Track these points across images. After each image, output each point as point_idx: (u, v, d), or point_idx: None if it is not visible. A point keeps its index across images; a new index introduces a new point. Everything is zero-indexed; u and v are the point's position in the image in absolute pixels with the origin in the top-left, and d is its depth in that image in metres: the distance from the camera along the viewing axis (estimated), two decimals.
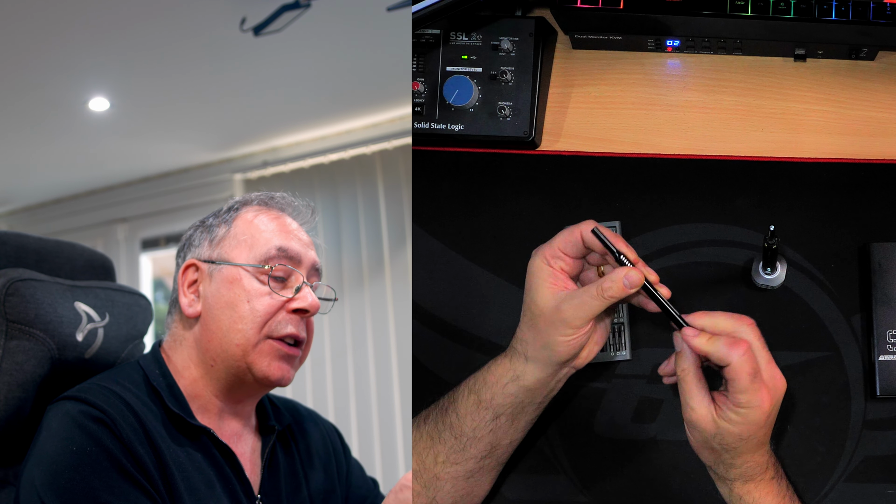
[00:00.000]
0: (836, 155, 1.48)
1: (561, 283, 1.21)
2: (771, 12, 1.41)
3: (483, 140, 1.50)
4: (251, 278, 1.25)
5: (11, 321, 1.24)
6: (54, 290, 1.29)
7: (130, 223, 4.56)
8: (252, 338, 1.24)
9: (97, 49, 2.97)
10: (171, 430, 1.20)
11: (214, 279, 1.26)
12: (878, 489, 1.38)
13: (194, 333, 1.27)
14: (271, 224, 1.31)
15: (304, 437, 1.40)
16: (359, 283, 3.77)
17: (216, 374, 1.25)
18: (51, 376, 1.26)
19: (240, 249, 1.27)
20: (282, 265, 1.27)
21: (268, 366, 1.24)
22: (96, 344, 1.32)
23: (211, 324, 1.25)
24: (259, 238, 1.28)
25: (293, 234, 1.31)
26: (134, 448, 1.14)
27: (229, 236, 1.29)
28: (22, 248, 1.35)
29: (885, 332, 1.40)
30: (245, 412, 1.31)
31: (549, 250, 1.22)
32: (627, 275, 1.18)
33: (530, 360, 1.23)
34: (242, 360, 1.24)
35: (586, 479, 1.41)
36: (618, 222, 1.45)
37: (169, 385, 1.24)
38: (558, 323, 1.20)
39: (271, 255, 1.27)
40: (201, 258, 1.29)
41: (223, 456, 1.23)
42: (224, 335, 1.24)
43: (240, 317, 1.24)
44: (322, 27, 2.82)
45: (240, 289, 1.25)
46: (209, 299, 1.26)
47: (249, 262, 1.26)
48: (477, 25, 1.50)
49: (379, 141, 3.79)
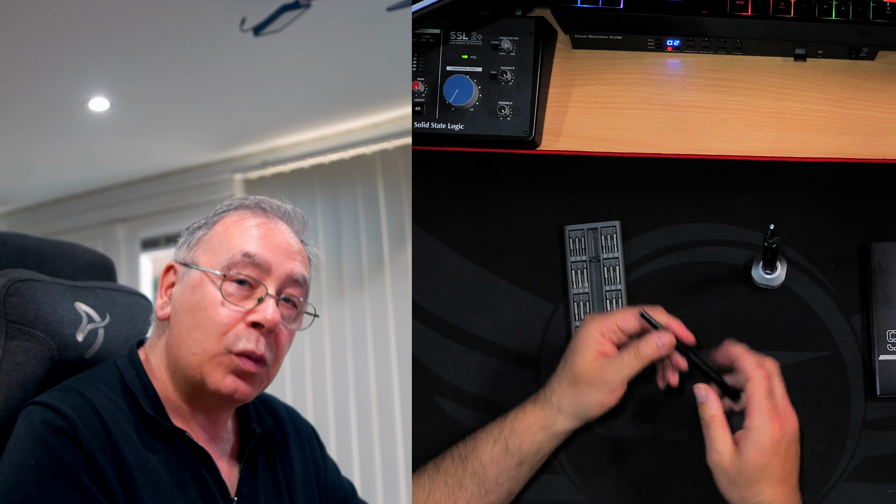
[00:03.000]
0: (836, 155, 1.48)
1: (607, 350, 1.32)
2: (771, 12, 1.41)
3: (483, 140, 1.50)
4: (212, 284, 1.19)
5: (11, 321, 1.24)
6: (55, 290, 1.29)
7: (130, 223, 4.56)
8: (209, 348, 1.18)
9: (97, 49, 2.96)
10: (144, 434, 1.18)
11: (183, 283, 1.22)
12: (878, 489, 1.38)
13: (165, 336, 1.23)
14: (251, 230, 1.23)
15: (285, 440, 1.36)
16: (359, 283, 3.76)
17: (178, 380, 1.21)
18: (51, 377, 1.26)
19: (209, 254, 1.21)
20: (243, 273, 1.19)
21: (221, 379, 1.18)
22: (97, 344, 1.32)
23: (174, 328, 1.21)
24: (229, 243, 1.21)
25: (270, 240, 1.22)
26: (94, 457, 1.11)
27: (204, 240, 1.23)
28: (22, 249, 1.35)
29: (885, 331, 1.40)
30: (220, 418, 1.27)
31: (606, 323, 1.32)
32: (660, 337, 1.31)
33: (563, 413, 1.32)
34: (198, 370, 1.19)
35: (586, 478, 1.41)
36: (618, 222, 1.46)
37: (144, 386, 1.21)
38: (599, 384, 1.31)
39: (235, 260, 1.19)
40: (178, 260, 1.24)
41: (198, 458, 1.21)
42: (183, 342, 1.19)
43: (197, 324, 1.18)
44: (322, 27, 2.82)
45: (200, 295, 1.19)
46: (176, 303, 1.21)
47: (214, 267, 1.20)
48: (477, 25, 1.50)
49: (379, 141, 3.78)
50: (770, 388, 1.27)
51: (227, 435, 1.28)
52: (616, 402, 1.32)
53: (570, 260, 1.46)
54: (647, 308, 1.32)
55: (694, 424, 1.40)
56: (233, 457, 1.28)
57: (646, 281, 1.46)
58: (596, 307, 1.44)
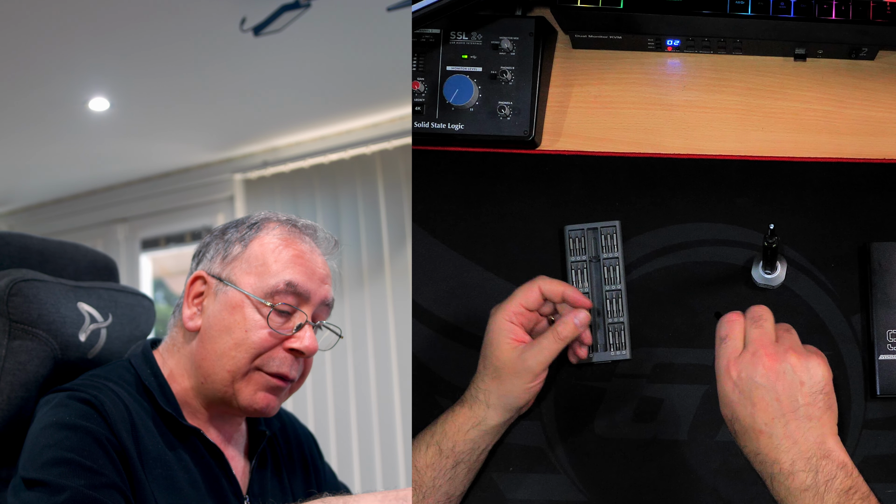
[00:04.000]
0: (836, 155, 1.48)
1: (520, 336, 1.31)
2: (771, 12, 1.41)
3: (483, 140, 1.50)
4: (253, 308, 1.23)
5: (15, 321, 1.24)
6: (57, 290, 1.30)
7: (130, 223, 4.56)
8: (243, 367, 1.22)
9: (97, 49, 2.97)
10: (162, 429, 1.21)
11: (219, 299, 1.24)
12: (878, 489, 1.38)
13: (191, 346, 1.25)
14: (287, 253, 1.26)
15: (288, 444, 1.40)
16: (359, 283, 3.77)
17: (205, 391, 1.24)
18: (53, 376, 1.26)
19: (249, 275, 1.24)
20: (286, 303, 1.23)
21: (253, 395, 1.23)
22: (99, 344, 1.32)
23: (207, 343, 1.23)
24: (271, 268, 1.24)
25: (308, 267, 1.26)
26: (118, 432, 1.14)
27: (242, 258, 1.25)
28: (25, 249, 1.36)
29: (885, 331, 1.40)
30: (235, 421, 1.31)
31: (510, 307, 1.31)
32: (576, 315, 1.30)
33: (492, 407, 1.32)
34: (230, 386, 1.22)
35: (586, 479, 1.41)
36: (618, 222, 1.46)
37: (161, 386, 1.24)
38: (523, 372, 1.30)
39: (279, 288, 1.23)
40: (211, 272, 1.26)
41: (212, 457, 1.24)
42: (217, 358, 1.22)
43: (235, 344, 1.22)
44: (322, 27, 2.82)
45: (240, 316, 1.22)
46: (210, 318, 1.24)
47: (256, 291, 1.23)
48: (477, 25, 1.51)
49: (379, 141, 3.79)
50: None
51: (239, 436, 1.32)
52: (541, 386, 1.32)
53: (570, 260, 1.46)
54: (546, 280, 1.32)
55: (694, 424, 1.40)
56: (244, 456, 1.31)
57: (646, 281, 1.46)
58: (596, 306, 1.44)
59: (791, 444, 1.13)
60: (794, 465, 1.12)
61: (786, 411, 1.13)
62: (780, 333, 1.18)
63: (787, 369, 1.14)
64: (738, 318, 1.19)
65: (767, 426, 1.13)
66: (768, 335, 1.16)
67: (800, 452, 1.13)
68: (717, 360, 1.18)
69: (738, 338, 1.17)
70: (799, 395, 1.13)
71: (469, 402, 1.33)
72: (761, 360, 1.14)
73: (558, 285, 1.33)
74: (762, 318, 1.18)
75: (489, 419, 1.32)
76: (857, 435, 1.39)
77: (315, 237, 1.30)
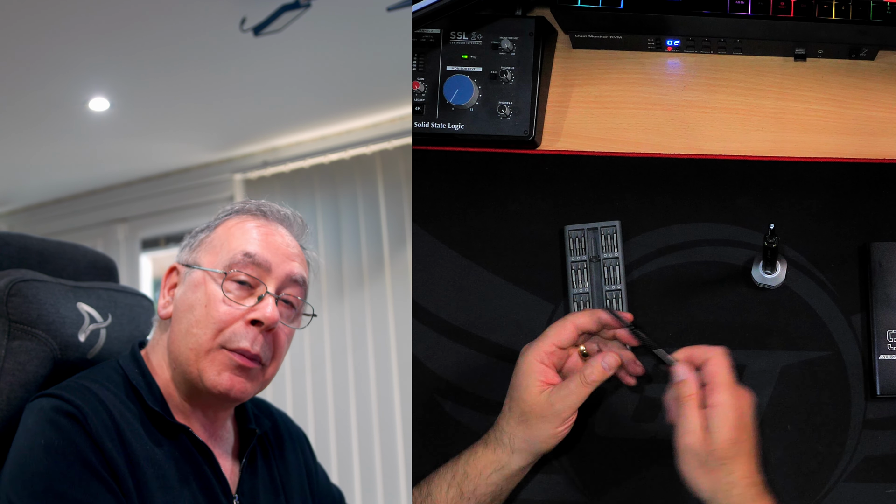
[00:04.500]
0: (836, 155, 1.48)
1: (550, 378, 1.28)
2: (771, 12, 1.41)
3: (483, 140, 1.50)
4: (213, 283, 1.21)
5: (14, 321, 1.24)
6: (57, 290, 1.29)
7: (130, 223, 4.56)
8: (205, 343, 1.20)
9: (97, 49, 2.96)
10: (150, 428, 1.19)
11: (185, 283, 1.25)
12: (878, 489, 1.38)
13: (166, 335, 1.25)
14: (251, 231, 1.25)
15: (280, 443, 1.38)
16: (359, 283, 3.76)
17: (177, 377, 1.23)
18: (53, 377, 1.26)
19: (211, 255, 1.24)
20: (246, 273, 1.22)
21: (217, 375, 1.20)
22: (98, 344, 1.32)
23: (175, 326, 1.23)
24: (231, 244, 1.24)
25: (270, 241, 1.25)
26: (104, 445, 1.13)
27: (206, 241, 1.26)
28: (25, 249, 1.36)
29: (885, 331, 1.40)
30: (219, 417, 1.29)
31: (543, 347, 1.28)
32: (604, 359, 1.26)
33: (516, 452, 1.28)
34: (195, 365, 1.21)
35: (586, 478, 1.41)
36: (618, 222, 1.46)
37: (148, 384, 1.23)
38: (550, 416, 1.26)
39: (236, 260, 1.22)
40: (181, 261, 1.27)
41: (201, 454, 1.22)
42: (182, 338, 1.22)
43: (196, 320, 1.21)
44: (322, 27, 2.81)
45: (201, 292, 1.22)
46: (178, 302, 1.24)
47: (215, 266, 1.23)
48: (477, 25, 1.51)
49: (379, 141, 3.78)
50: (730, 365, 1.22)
51: (227, 435, 1.30)
52: (568, 430, 1.28)
53: (570, 260, 1.46)
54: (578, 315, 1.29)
55: None
56: (233, 456, 1.30)
57: (646, 281, 1.46)
58: (596, 306, 1.44)
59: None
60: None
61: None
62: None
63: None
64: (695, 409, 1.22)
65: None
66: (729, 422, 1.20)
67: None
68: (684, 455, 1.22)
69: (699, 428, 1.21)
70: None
71: (493, 445, 1.29)
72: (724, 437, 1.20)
73: (590, 315, 1.29)
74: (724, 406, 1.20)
75: (512, 463, 1.29)
76: (857, 435, 1.39)
77: (284, 219, 1.29)
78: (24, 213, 4.82)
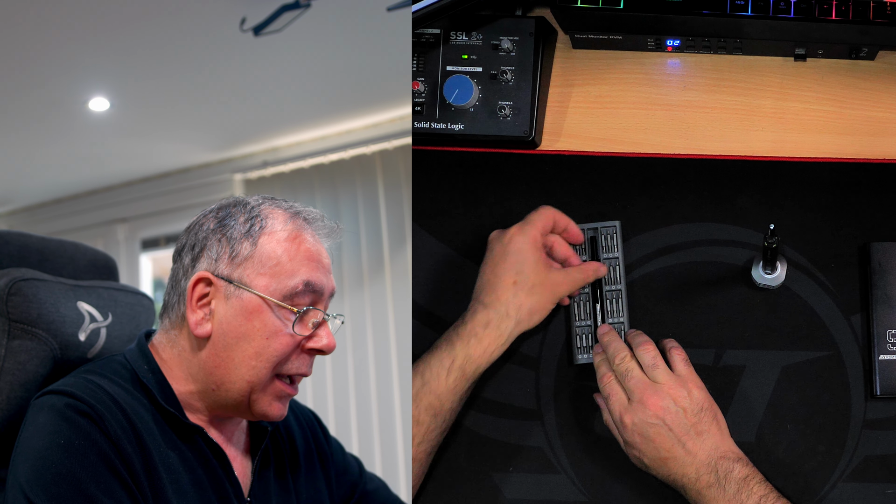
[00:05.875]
0: (836, 155, 1.48)
1: (546, 259, 1.40)
2: (771, 12, 1.41)
3: (483, 140, 1.50)
4: (271, 312, 1.17)
5: (14, 321, 1.24)
6: (57, 289, 1.29)
7: (130, 223, 4.56)
8: (264, 377, 1.18)
9: (97, 49, 2.96)
10: (164, 428, 1.17)
11: (231, 303, 1.18)
12: (878, 489, 1.38)
13: (200, 353, 1.19)
14: (298, 249, 1.19)
15: (290, 435, 1.35)
16: (359, 283, 3.76)
17: (215, 397, 1.20)
18: (53, 376, 1.26)
19: (264, 277, 1.17)
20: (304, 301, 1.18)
21: (269, 405, 1.20)
22: (99, 344, 1.32)
23: (222, 351, 1.18)
24: (286, 267, 1.18)
25: (319, 261, 1.21)
26: (122, 445, 1.10)
27: (253, 258, 1.18)
28: (25, 248, 1.35)
29: (885, 331, 1.40)
30: (236, 419, 1.27)
31: (535, 231, 1.38)
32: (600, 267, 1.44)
33: (521, 322, 1.37)
34: (247, 395, 1.18)
35: (586, 479, 1.41)
36: (618, 222, 1.46)
37: (159, 382, 1.19)
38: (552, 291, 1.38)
39: (297, 289, 1.18)
40: (219, 274, 1.18)
41: (215, 456, 1.21)
42: (235, 367, 1.17)
43: (255, 353, 1.17)
44: (322, 27, 2.81)
45: (259, 322, 1.17)
46: (223, 324, 1.17)
47: (274, 294, 1.17)
48: (477, 25, 1.51)
49: (379, 141, 3.78)
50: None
51: (240, 432, 1.28)
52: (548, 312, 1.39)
53: None
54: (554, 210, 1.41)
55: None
56: (245, 455, 1.28)
57: (646, 281, 1.46)
58: (597, 306, 1.44)
59: (692, 458, 1.31)
60: (698, 472, 1.31)
61: (680, 436, 1.31)
62: (649, 370, 1.33)
63: (670, 404, 1.31)
64: (610, 378, 1.35)
65: (670, 452, 1.31)
66: (642, 381, 1.32)
67: (700, 462, 1.31)
68: (611, 416, 1.35)
69: (619, 391, 1.34)
70: (685, 419, 1.31)
71: (496, 322, 1.35)
72: (646, 404, 1.31)
73: (564, 217, 1.41)
74: (629, 370, 1.34)
75: (513, 333, 1.36)
76: (857, 435, 1.39)
77: (319, 226, 1.24)
78: (24, 212, 4.82)
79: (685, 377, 1.33)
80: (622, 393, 1.34)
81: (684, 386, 1.32)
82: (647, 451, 1.32)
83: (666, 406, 1.31)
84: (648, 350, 1.35)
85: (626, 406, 1.33)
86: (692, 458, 1.31)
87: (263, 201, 1.23)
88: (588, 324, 1.44)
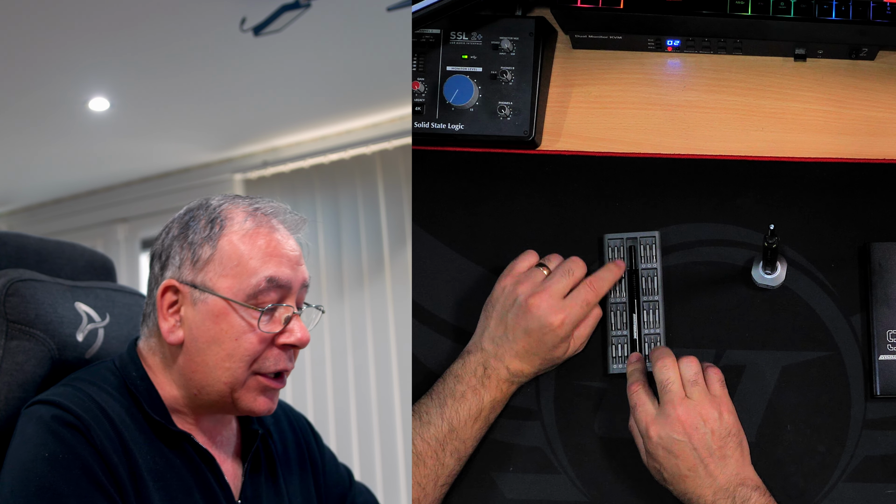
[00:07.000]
0: (836, 155, 1.48)
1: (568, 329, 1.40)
2: (771, 12, 1.41)
3: (483, 140, 1.50)
4: (236, 314, 1.17)
5: (12, 321, 1.24)
6: (55, 290, 1.29)
7: (130, 223, 4.56)
8: (241, 377, 1.18)
9: (97, 49, 2.96)
10: (150, 436, 1.17)
11: (198, 308, 1.18)
12: (878, 489, 1.38)
13: (178, 360, 1.20)
14: (259, 244, 1.18)
15: (283, 438, 1.35)
16: (359, 283, 3.76)
17: (199, 400, 1.21)
18: (51, 376, 1.26)
19: (227, 278, 1.17)
20: (269, 299, 1.18)
21: (253, 400, 1.20)
22: (97, 344, 1.32)
23: (196, 356, 1.18)
24: (247, 266, 1.17)
25: (283, 255, 1.19)
26: (108, 455, 1.11)
27: (214, 260, 1.18)
28: (22, 249, 1.35)
29: (885, 331, 1.40)
30: (226, 419, 1.27)
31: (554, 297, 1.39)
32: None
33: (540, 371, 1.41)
34: (229, 395, 1.19)
35: (586, 479, 1.41)
36: (657, 232, 1.45)
37: (148, 389, 1.20)
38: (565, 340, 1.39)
39: (261, 287, 1.17)
40: (183, 280, 1.18)
41: (203, 461, 1.21)
42: (210, 371, 1.18)
43: (227, 354, 1.17)
44: (322, 27, 2.82)
45: (227, 324, 1.17)
46: (193, 330, 1.18)
47: (237, 295, 1.17)
48: (477, 25, 1.50)
49: (379, 141, 3.78)
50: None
51: (230, 434, 1.28)
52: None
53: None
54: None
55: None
56: (235, 458, 1.28)
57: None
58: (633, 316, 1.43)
59: (711, 480, 1.31)
60: (715, 495, 1.31)
61: (703, 457, 1.30)
62: (688, 385, 1.33)
63: (700, 423, 1.31)
64: (638, 388, 1.35)
65: (691, 471, 1.31)
66: (678, 395, 1.32)
67: (719, 485, 1.31)
68: (637, 426, 1.35)
69: (647, 402, 1.34)
70: (711, 441, 1.31)
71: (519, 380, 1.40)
72: (676, 419, 1.31)
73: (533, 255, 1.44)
74: (670, 380, 1.33)
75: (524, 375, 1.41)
76: (857, 435, 1.39)
77: (281, 219, 1.23)
78: (24, 213, 4.83)
79: (719, 399, 1.33)
80: (650, 404, 1.33)
81: (717, 408, 1.32)
82: (668, 466, 1.32)
83: (695, 424, 1.30)
84: (692, 365, 1.33)
85: (654, 418, 1.32)
86: (712, 480, 1.30)
87: (224, 201, 1.22)
88: (624, 333, 1.43)
